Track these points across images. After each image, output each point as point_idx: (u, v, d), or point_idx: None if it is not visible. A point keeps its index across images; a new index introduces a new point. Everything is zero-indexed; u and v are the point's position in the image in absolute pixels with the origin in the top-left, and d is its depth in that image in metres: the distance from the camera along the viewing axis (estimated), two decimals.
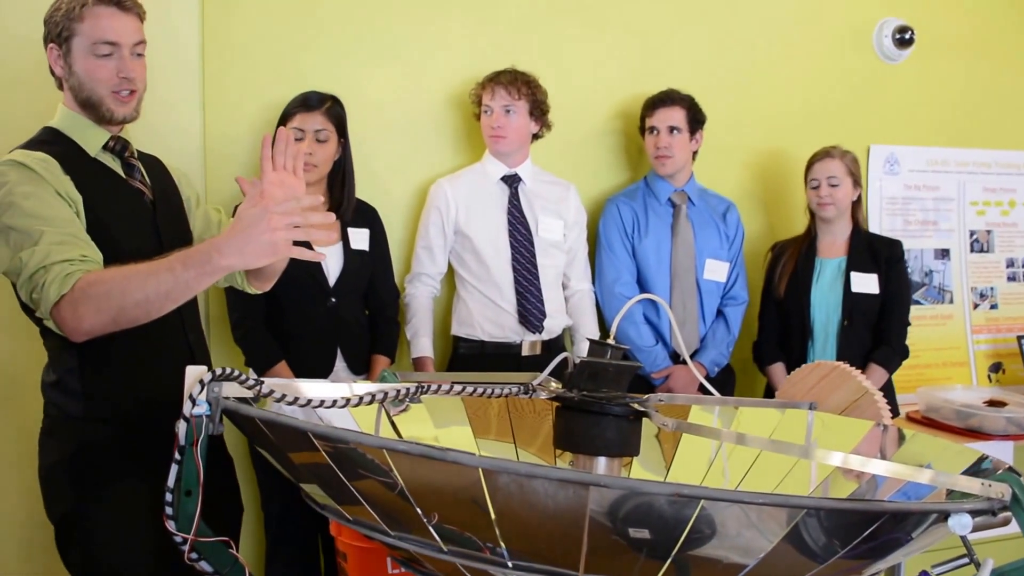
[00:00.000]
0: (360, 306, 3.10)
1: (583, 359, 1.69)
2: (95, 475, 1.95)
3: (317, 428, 1.21)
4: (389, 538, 1.30)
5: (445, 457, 1.06)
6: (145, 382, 1.92)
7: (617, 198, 3.55)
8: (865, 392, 2.13)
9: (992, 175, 4.39)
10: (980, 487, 1.30)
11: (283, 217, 1.65)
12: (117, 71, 1.99)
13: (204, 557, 1.38)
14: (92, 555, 1.96)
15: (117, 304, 1.74)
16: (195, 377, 1.34)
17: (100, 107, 2.01)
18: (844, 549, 1.25)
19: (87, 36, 1.98)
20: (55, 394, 2.01)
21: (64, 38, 1.99)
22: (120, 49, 1.99)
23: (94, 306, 1.74)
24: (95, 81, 1.99)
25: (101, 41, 1.97)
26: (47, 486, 2.02)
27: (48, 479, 2.01)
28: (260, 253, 1.68)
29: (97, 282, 1.75)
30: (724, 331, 3.52)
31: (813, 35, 4.05)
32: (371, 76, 3.35)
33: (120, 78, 2.00)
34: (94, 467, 1.95)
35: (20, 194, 1.85)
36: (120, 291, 1.73)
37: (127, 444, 1.95)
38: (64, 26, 1.98)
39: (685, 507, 1.09)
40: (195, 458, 1.32)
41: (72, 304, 1.75)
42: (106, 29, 1.98)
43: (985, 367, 4.28)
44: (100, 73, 1.99)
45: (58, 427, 2.01)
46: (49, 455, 2.01)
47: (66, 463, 1.97)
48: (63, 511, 1.99)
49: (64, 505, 1.98)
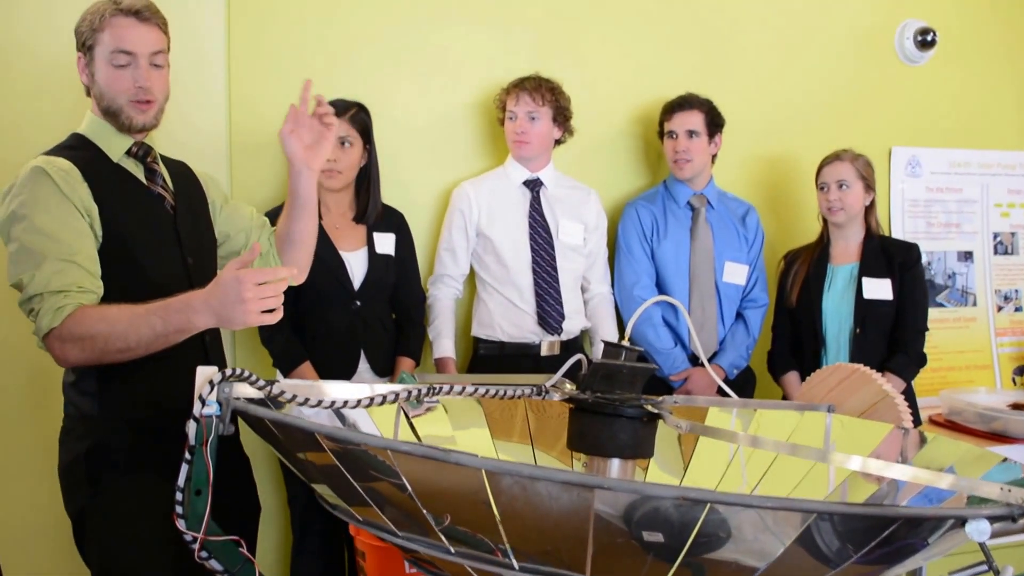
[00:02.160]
0: (386, 309, 3.12)
1: (597, 361, 1.68)
2: (111, 472, 1.98)
3: (323, 429, 1.21)
4: (397, 539, 1.30)
5: (448, 458, 1.06)
6: (160, 382, 1.93)
7: (636, 202, 3.54)
8: (885, 395, 2.11)
9: (1016, 176, 4.34)
10: (1000, 492, 1.27)
11: (255, 297, 1.70)
12: (133, 81, 2.02)
13: (214, 556, 1.38)
14: (108, 551, 1.98)
15: (101, 348, 1.83)
16: (205, 377, 1.35)
17: (120, 115, 2.05)
18: (858, 554, 1.23)
19: (106, 46, 2.01)
20: (73, 394, 2.04)
21: (88, 47, 2.04)
22: (137, 59, 2.02)
23: (79, 346, 1.84)
24: (114, 91, 2.03)
25: (119, 50, 2.01)
26: (65, 482, 2.06)
27: (66, 476, 2.05)
28: (233, 320, 1.74)
29: (84, 324, 1.83)
30: (744, 334, 3.50)
31: (834, 37, 4.02)
32: (397, 83, 3.37)
33: (136, 87, 2.03)
34: (110, 465, 1.98)
35: (34, 207, 1.91)
36: (104, 337, 1.82)
37: (142, 442, 1.97)
38: (88, 36, 2.03)
39: (693, 510, 1.08)
40: (205, 458, 1.32)
41: (60, 339, 1.85)
42: (123, 39, 2.01)
43: (1009, 370, 4.22)
44: (118, 83, 2.02)
45: (76, 426, 2.04)
46: (67, 453, 2.05)
47: (83, 460, 2.00)
48: (79, 507, 2.02)
49: (80, 501, 2.01)
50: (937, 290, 4.12)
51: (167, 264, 2.07)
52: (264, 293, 1.70)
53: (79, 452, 2.00)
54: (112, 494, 1.97)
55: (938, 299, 4.11)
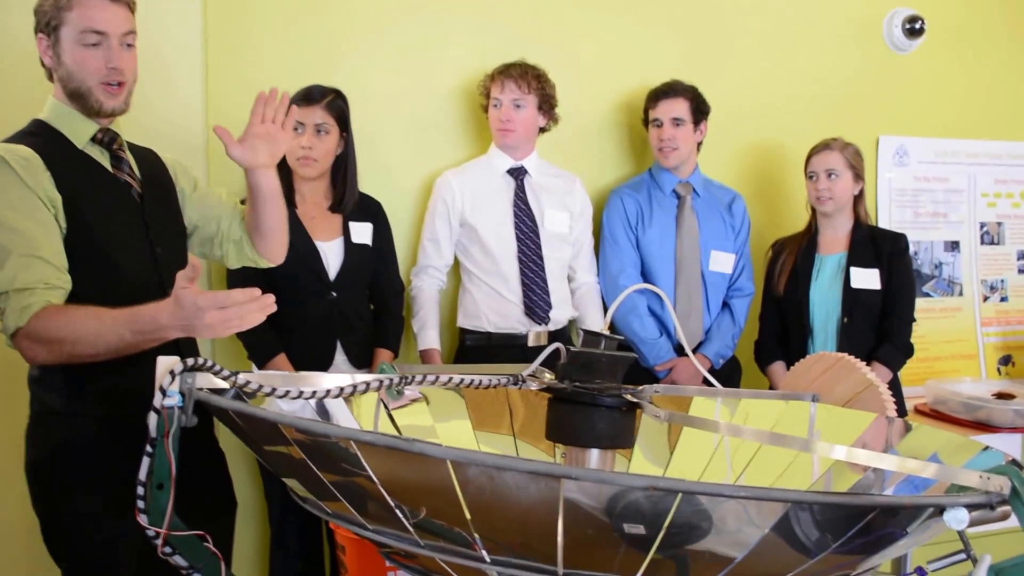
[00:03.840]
0: (363, 300, 3.08)
1: (575, 349, 1.65)
2: (77, 470, 1.94)
3: (285, 419, 1.17)
4: (367, 532, 1.27)
5: (411, 448, 1.03)
6: (128, 376, 1.88)
7: (621, 190, 3.51)
8: (869, 384, 2.09)
9: (1003, 166, 4.33)
10: (978, 480, 1.26)
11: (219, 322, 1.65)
12: (105, 61, 1.96)
13: (178, 551, 1.35)
14: (76, 550, 1.94)
15: (68, 352, 1.80)
16: (166, 367, 1.31)
17: (88, 99, 1.97)
18: (836, 543, 1.21)
19: (75, 25, 1.94)
20: (39, 389, 2.00)
21: (53, 27, 1.96)
22: (108, 39, 1.95)
23: (46, 348, 1.81)
24: (83, 72, 1.96)
25: (89, 30, 1.94)
26: (32, 481, 2.00)
27: (33, 473, 2.00)
28: (203, 334, 1.73)
29: (51, 326, 1.79)
30: (729, 323, 3.48)
31: (822, 25, 3.99)
32: (377, 69, 3.32)
33: (108, 68, 1.96)
34: (76, 462, 1.94)
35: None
36: (71, 342, 1.78)
37: (109, 439, 1.92)
38: (53, 15, 1.95)
39: (665, 500, 1.05)
40: (166, 451, 1.29)
41: (27, 339, 1.81)
42: (94, 18, 1.94)
43: (994, 360, 4.22)
44: (88, 64, 1.95)
45: (42, 422, 2.00)
46: (34, 450, 2.00)
47: (49, 458, 1.95)
48: (46, 506, 1.97)
49: (47, 500, 1.97)
50: (923, 280, 4.11)
51: (135, 254, 2.02)
52: (227, 316, 1.64)
53: (46, 449, 1.96)
54: (80, 491, 1.93)
55: (924, 289, 4.10)
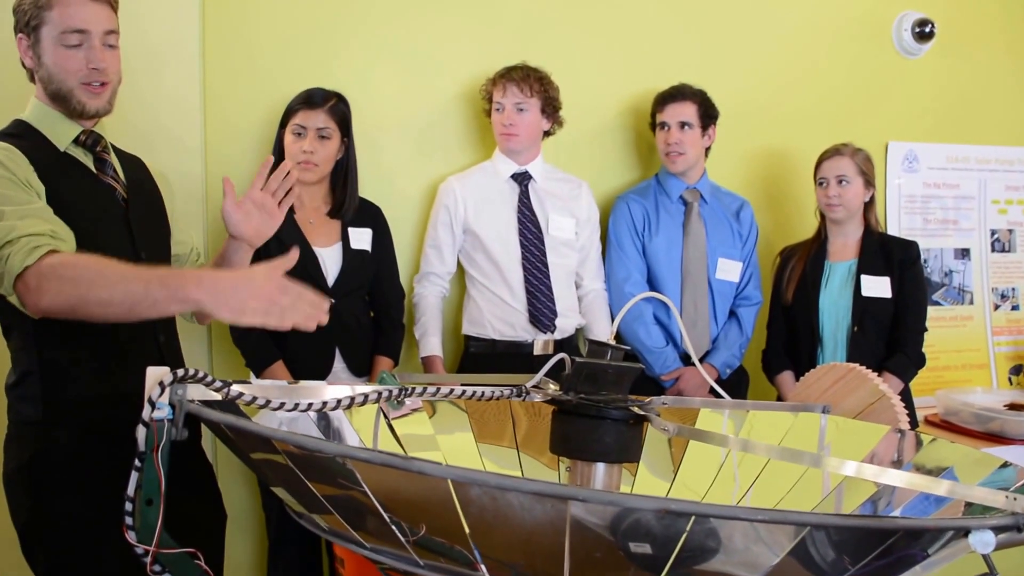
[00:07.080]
0: (362, 306, 3.03)
1: (580, 360, 1.61)
2: (55, 482, 1.88)
3: (277, 435, 1.12)
4: (364, 550, 1.22)
5: (409, 467, 0.97)
6: (109, 386, 1.83)
7: (628, 195, 3.47)
8: (881, 396, 2.05)
9: (1015, 173, 4.28)
10: (1004, 500, 1.21)
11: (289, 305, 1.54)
12: (87, 61, 1.90)
13: (168, 569, 1.29)
14: (56, 563, 1.89)
15: (81, 294, 1.63)
16: (156, 378, 1.26)
17: (70, 100, 1.92)
18: (855, 567, 1.17)
19: (56, 25, 1.88)
20: (14, 398, 1.94)
21: (33, 27, 1.90)
22: (90, 38, 1.90)
23: (57, 286, 1.64)
24: (64, 72, 1.90)
25: (70, 30, 1.88)
26: (10, 492, 1.95)
27: (10, 485, 1.95)
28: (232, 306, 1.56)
29: (68, 264, 1.66)
30: (737, 332, 3.43)
31: (830, 28, 3.95)
32: (379, 74, 3.28)
33: (90, 69, 1.91)
34: (54, 473, 1.88)
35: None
36: (88, 282, 1.63)
37: (89, 450, 1.86)
38: (32, 14, 1.89)
39: (677, 523, 1.00)
40: (156, 465, 1.24)
41: (37, 277, 1.65)
42: (75, 17, 1.88)
43: (1006, 369, 4.16)
44: (69, 64, 1.90)
45: (19, 432, 1.94)
46: (11, 460, 1.94)
47: (26, 469, 1.90)
48: (24, 519, 1.92)
49: (25, 512, 1.92)
50: (933, 288, 4.06)
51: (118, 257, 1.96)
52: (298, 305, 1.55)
53: (23, 460, 1.90)
54: (59, 504, 1.87)
55: (934, 297, 4.05)
